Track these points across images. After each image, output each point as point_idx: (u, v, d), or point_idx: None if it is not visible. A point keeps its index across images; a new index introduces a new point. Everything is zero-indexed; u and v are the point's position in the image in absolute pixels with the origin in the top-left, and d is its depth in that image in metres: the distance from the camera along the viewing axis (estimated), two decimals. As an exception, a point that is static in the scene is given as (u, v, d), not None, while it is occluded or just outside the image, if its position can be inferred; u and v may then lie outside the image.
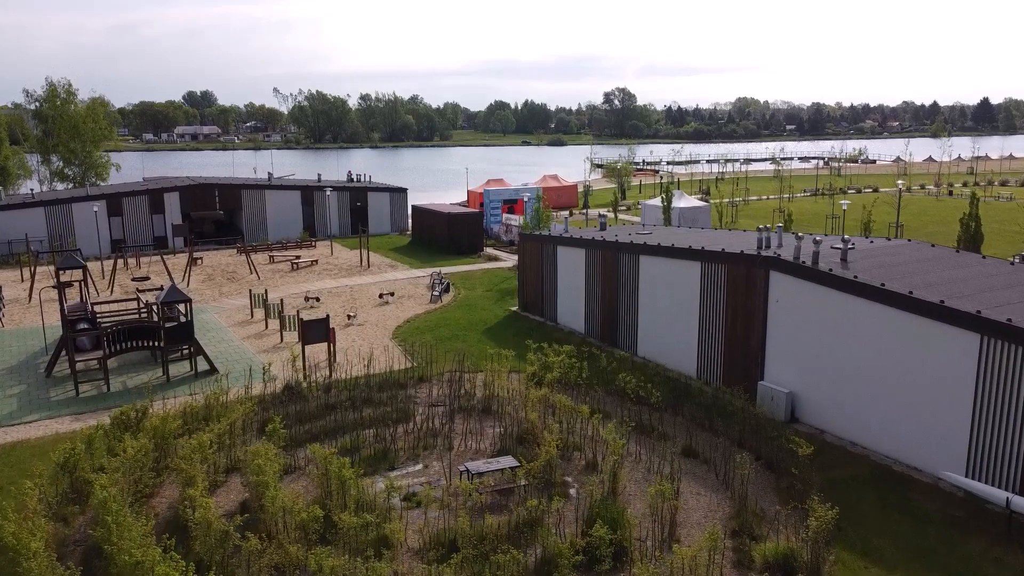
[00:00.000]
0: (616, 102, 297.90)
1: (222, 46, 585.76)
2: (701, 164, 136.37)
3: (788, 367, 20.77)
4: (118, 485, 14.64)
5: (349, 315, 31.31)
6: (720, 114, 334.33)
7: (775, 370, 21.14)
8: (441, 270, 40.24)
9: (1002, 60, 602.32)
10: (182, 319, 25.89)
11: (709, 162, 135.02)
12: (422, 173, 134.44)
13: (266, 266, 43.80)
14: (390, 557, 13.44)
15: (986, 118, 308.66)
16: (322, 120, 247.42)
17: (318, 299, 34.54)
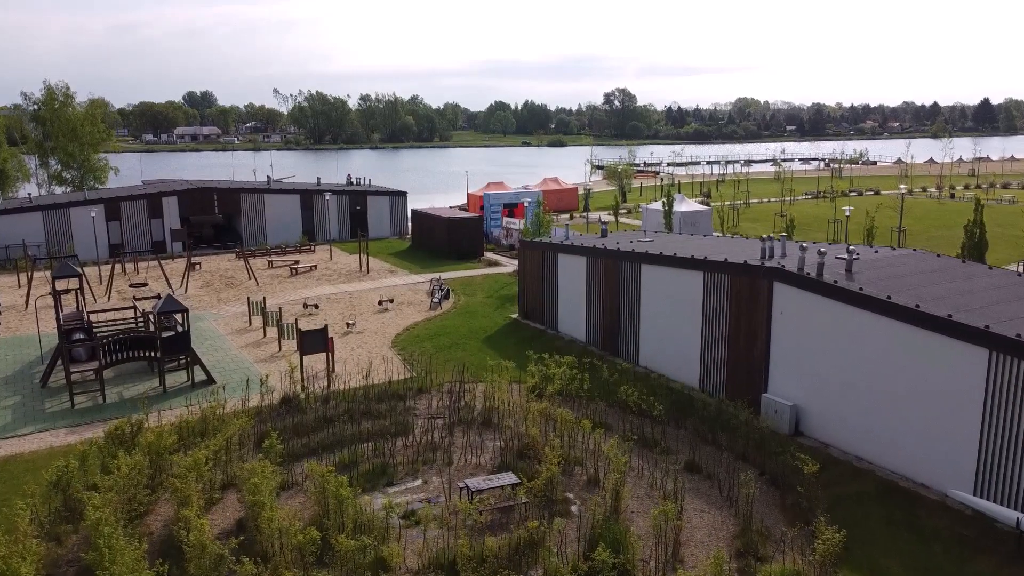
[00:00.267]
0: (616, 103, 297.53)
1: (222, 46, 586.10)
2: (702, 166, 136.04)
3: (792, 380, 20.50)
4: (111, 505, 14.38)
5: (348, 323, 31.04)
6: (720, 114, 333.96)
7: (779, 382, 20.87)
8: (441, 276, 39.97)
9: (1002, 60, 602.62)
10: (179, 329, 25.61)
11: (709, 163, 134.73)
12: (422, 174, 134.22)
13: (265, 271, 43.53)
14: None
15: (987, 118, 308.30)
16: (322, 121, 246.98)
17: (317, 306, 34.27)
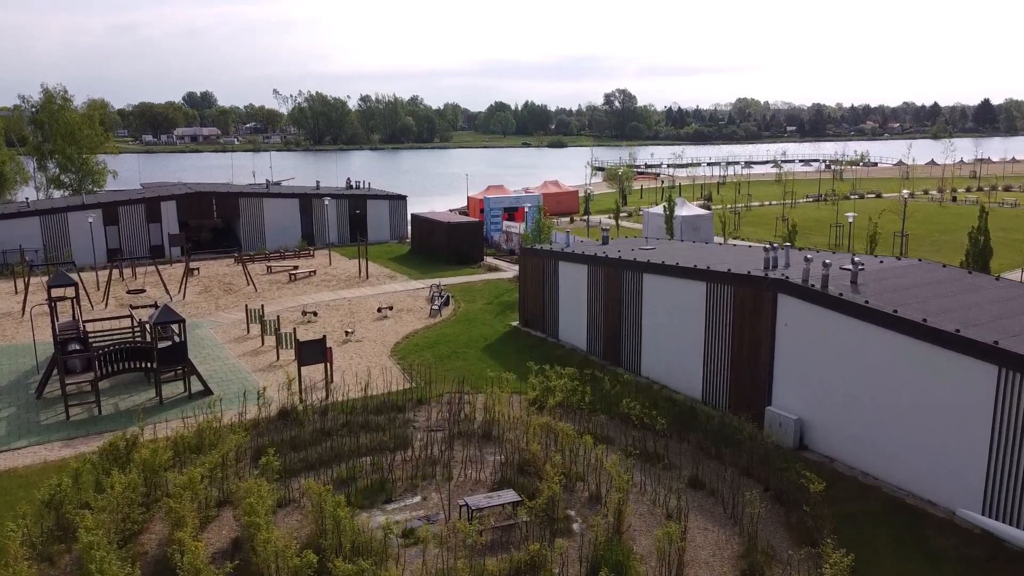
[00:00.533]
0: (616, 103, 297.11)
1: (222, 46, 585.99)
2: (702, 167, 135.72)
3: (797, 393, 20.21)
4: (103, 527, 14.10)
5: (347, 331, 30.75)
6: (720, 115, 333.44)
7: (783, 395, 20.59)
8: (440, 282, 39.68)
9: (1003, 61, 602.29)
10: (176, 339, 25.33)
11: (710, 165, 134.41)
12: (422, 176, 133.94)
13: (263, 277, 43.24)
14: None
15: (987, 119, 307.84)
16: (322, 121, 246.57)
17: (315, 313, 33.98)
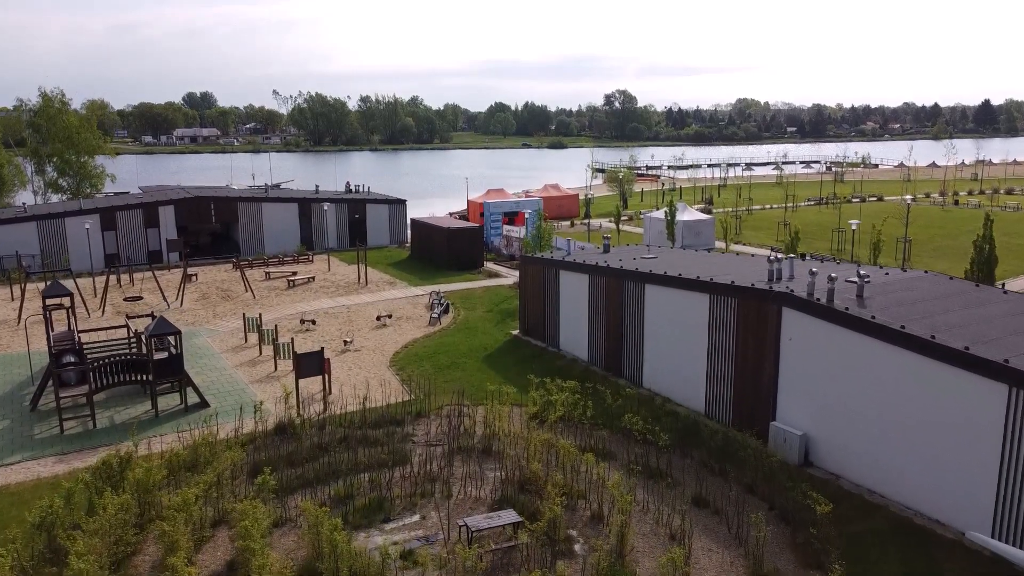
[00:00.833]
0: (616, 104, 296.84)
1: (222, 46, 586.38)
2: (703, 168, 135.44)
3: (802, 408, 19.89)
4: (95, 552, 13.78)
5: (345, 340, 30.42)
6: (721, 115, 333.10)
7: (788, 410, 20.27)
8: (440, 289, 39.36)
9: (1003, 61, 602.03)
10: (172, 350, 25.01)
11: (711, 166, 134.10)
12: (422, 178, 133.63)
13: (262, 283, 42.91)
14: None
15: (987, 120, 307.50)
16: (321, 122, 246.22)
17: (314, 322, 33.64)
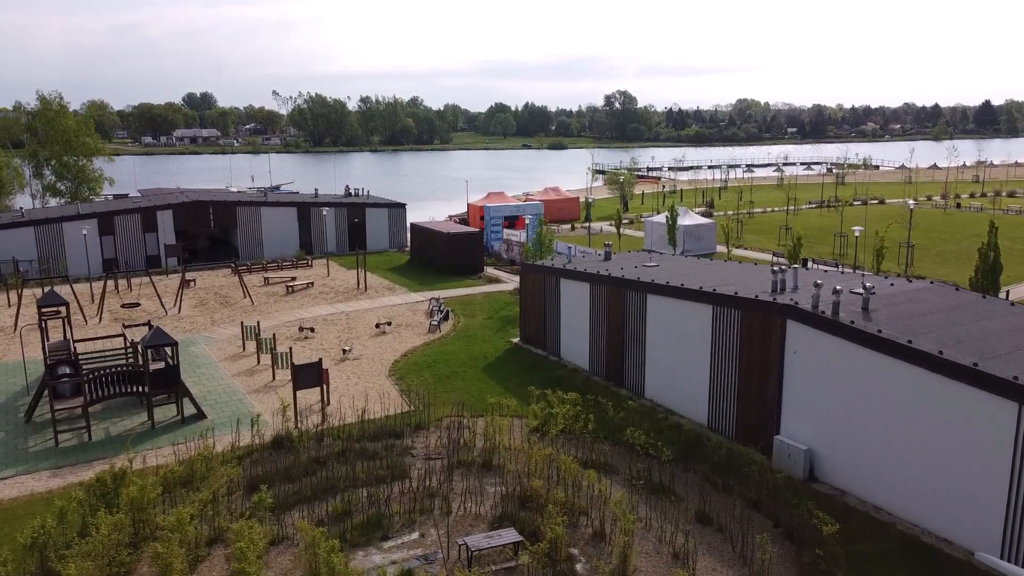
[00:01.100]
0: (617, 104, 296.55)
1: (222, 46, 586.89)
2: (703, 170, 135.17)
3: (807, 422, 19.61)
4: (87, 575, 13.50)
5: (344, 349, 30.13)
6: (721, 116, 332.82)
7: (792, 425, 19.98)
8: (440, 296, 39.06)
9: (1004, 61, 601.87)
10: (169, 360, 24.72)
11: (711, 168, 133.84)
12: (422, 180, 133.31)
13: (260, 288, 42.63)
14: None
15: (988, 120, 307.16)
16: (321, 123, 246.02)
17: (312, 329, 33.35)
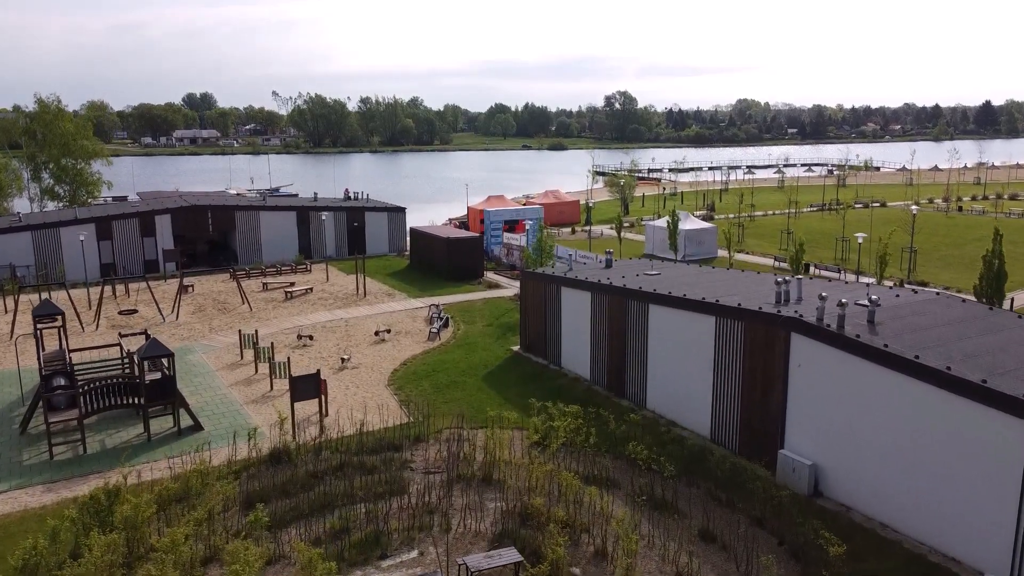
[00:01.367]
0: (617, 105, 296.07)
1: (222, 46, 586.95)
2: (704, 171, 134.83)
3: (811, 437, 19.33)
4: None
5: (343, 358, 29.85)
6: (721, 116, 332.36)
7: (797, 439, 19.70)
8: (440, 303, 38.76)
9: (1004, 62, 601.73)
10: (165, 371, 24.44)
11: (712, 169, 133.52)
12: (422, 182, 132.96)
13: (259, 294, 42.34)
14: None
15: (988, 121, 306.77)
16: (321, 124, 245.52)
17: (311, 337, 33.05)
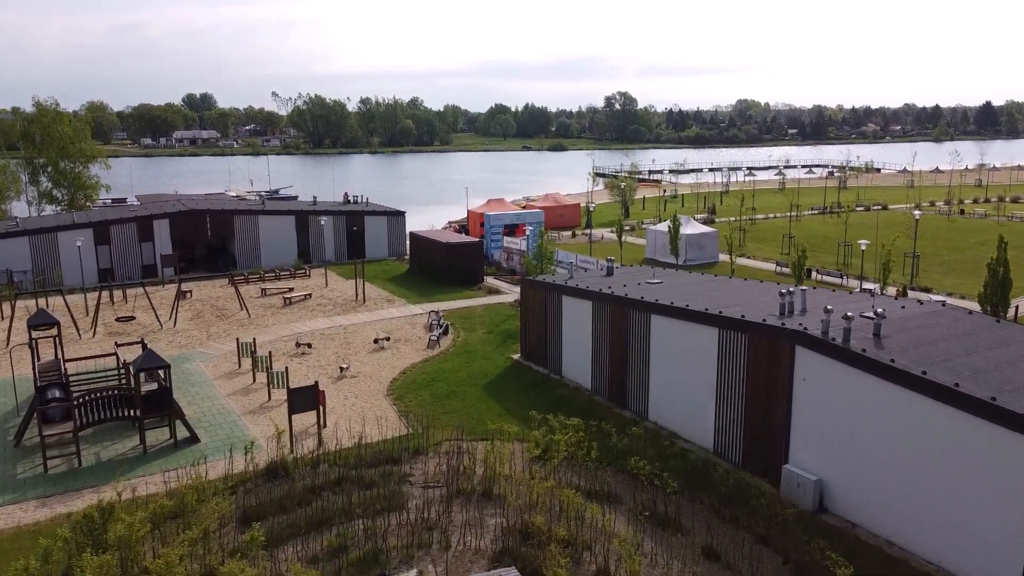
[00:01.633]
0: (617, 105, 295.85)
1: (222, 46, 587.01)
2: (704, 173, 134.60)
3: (816, 451, 19.05)
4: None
5: (342, 367, 29.58)
6: (721, 116, 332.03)
7: (802, 453, 19.43)
8: (440, 309, 38.48)
9: (1004, 62, 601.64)
10: (161, 381, 24.18)
11: (712, 170, 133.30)
12: (422, 183, 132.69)
13: (257, 300, 42.06)
14: None
15: (988, 121, 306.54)
16: (321, 124, 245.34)
17: (310, 345, 32.77)
